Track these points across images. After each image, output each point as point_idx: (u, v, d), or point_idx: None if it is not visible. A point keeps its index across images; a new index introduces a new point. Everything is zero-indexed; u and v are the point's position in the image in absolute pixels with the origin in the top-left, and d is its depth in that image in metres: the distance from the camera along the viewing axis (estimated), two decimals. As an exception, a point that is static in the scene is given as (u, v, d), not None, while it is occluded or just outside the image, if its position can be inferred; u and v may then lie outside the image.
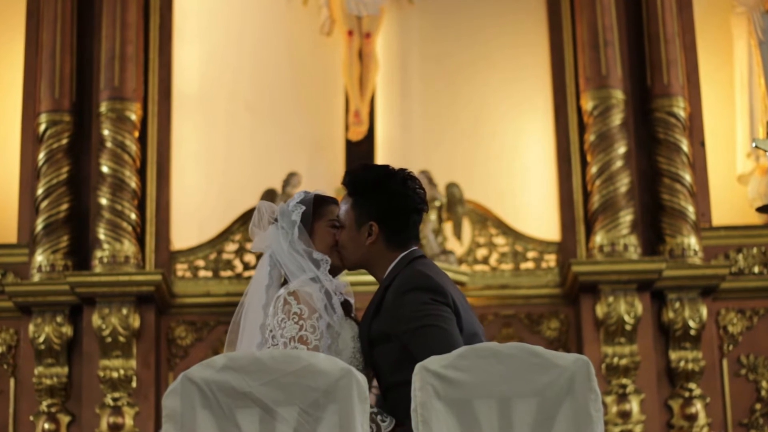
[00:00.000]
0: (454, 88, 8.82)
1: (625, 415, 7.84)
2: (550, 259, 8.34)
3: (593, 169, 8.13)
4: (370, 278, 3.97)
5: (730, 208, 8.49)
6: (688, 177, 8.19)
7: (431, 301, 3.65)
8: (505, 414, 3.32)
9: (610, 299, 7.87)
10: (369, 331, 3.77)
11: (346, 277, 4.08)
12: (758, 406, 8.13)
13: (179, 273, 8.27)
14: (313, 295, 3.80)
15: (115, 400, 7.81)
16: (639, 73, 8.40)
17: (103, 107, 8.12)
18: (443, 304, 3.66)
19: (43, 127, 8.17)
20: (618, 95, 8.20)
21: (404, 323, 3.64)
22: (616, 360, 7.88)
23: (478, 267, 8.36)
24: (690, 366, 7.97)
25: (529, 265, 8.34)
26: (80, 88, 8.30)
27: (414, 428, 3.34)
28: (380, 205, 3.80)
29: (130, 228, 8.00)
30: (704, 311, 7.98)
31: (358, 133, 8.55)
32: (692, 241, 8.10)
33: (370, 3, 8.68)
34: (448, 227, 8.42)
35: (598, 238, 8.03)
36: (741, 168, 8.54)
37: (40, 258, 8.00)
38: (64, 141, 8.17)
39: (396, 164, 3.98)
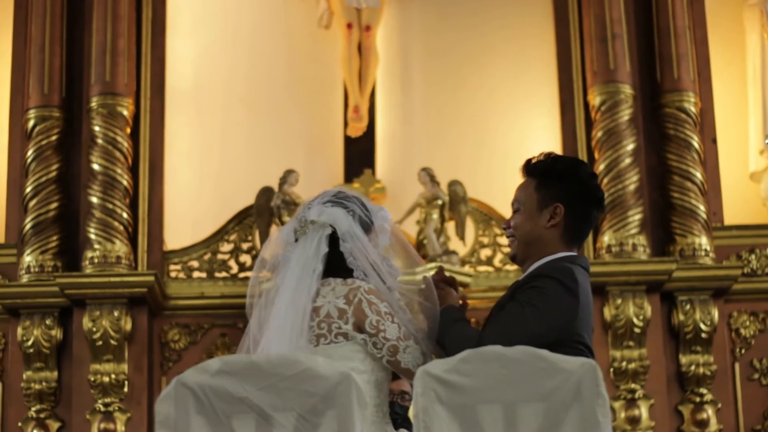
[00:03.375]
0: (456, 82, 8.81)
1: (634, 421, 7.80)
2: (557, 260, 8.23)
3: (601, 167, 8.09)
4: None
5: (743, 206, 8.49)
6: (699, 175, 8.15)
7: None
8: (509, 420, 3.27)
9: (619, 301, 7.85)
10: (495, 307, 3.73)
11: None
12: (771, 411, 8.16)
13: (172, 274, 8.25)
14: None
15: (106, 405, 7.78)
16: (648, 68, 8.39)
17: (94, 103, 8.09)
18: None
19: (31, 123, 8.13)
20: (626, 90, 8.19)
21: (518, 297, 3.61)
22: (624, 364, 7.84)
23: (482, 268, 8.35)
24: (701, 370, 7.95)
25: (535, 265, 8.23)
26: (70, 83, 8.27)
27: (415, 434, 3.34)
28: (570, 189, 3.70)
29: (121, 227, 7.95)
30: (716, 313, 7.95)
31: (357, 130, 8.55)
32: (703, 241, 8.06)
33: (370, -6, 8.79)
34: (450, 227, 8.38)
35: (606, 238, 7.99)
36: (754, 165, 8.55)
37: (28, 258, 7.95)
38: (54, 137, 8.12)
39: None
